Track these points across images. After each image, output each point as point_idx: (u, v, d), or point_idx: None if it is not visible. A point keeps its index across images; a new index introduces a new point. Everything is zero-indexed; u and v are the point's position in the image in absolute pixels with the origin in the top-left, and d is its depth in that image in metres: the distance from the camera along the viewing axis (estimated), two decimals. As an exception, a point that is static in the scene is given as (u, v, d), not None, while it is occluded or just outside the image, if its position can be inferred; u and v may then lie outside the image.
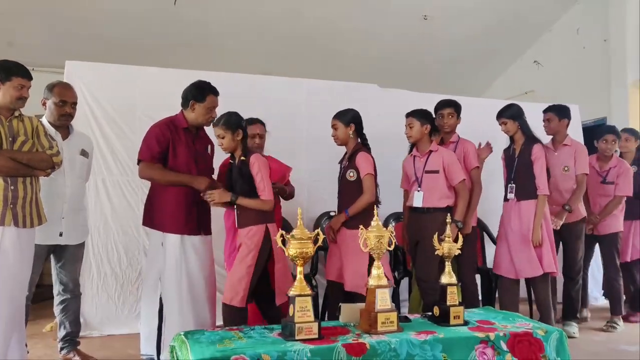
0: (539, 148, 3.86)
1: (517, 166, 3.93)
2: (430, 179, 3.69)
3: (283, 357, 2.08)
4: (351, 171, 3.45)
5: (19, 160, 2.63)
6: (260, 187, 3.05)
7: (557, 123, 4.24)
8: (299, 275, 2.36)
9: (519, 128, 3.92)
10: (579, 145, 4.31)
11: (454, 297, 2.63)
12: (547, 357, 2.45)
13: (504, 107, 4.01)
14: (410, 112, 3.77)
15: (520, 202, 3.88)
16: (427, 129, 3.71)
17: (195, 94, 3.19)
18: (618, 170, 4.55)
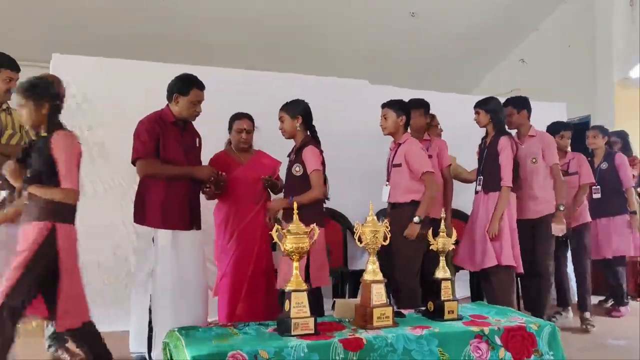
0: (506, 139, 3.78)
1: (485, 158, 3.88)
2: (395, 172, 3.60)
3: (280, 353, 2.07)
4: (297, 166, 3.31)
5: (6, 154, 2.58)
6: (61, 172, 2.49)
7: (517, 116, 4.08)
8: (295, 270, 2.35)
9: (491, 121, 3.85)
10: (545, 136, 4.16)
11: (447, 292, 2.64)
12: (540, 351, 2.47)
13: (483, 98, 3.96)
14: (386, 103, 3.66)
15: (488, 194, 3.79)
16: (403, 120, 3.60)
17: (180, 87, 3.17)
18: (577, 161, 4.59)
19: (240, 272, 3.51)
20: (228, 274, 3.57)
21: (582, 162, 4.61)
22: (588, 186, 4.59)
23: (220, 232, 3.69)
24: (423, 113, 3.97)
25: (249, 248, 3.54)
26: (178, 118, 3.18)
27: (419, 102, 3.96)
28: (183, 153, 3.18)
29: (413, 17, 7.03)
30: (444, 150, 3.97)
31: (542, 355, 2.46)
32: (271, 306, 3.57)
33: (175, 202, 3.09)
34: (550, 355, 2.48)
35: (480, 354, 2.36)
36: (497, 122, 3.85)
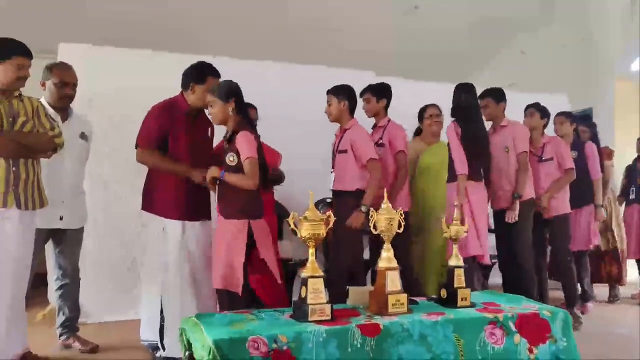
0: (451, 127, 3.74)
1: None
2: (340, 159, 3.51)
3: (299, 338, 2.08)
4: (231, 155, 2.91)
5: (20, 142, 2.57)
6: None
7: (496, 107, 4.04)
8: (310, 257, 2.35)
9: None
10: (517, 125, 4.09)
11: (460, 280, 2.65)
12: (554, 337, 2.49)
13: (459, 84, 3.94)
14: (329, 89, 3.61)
15: (448, 184, 3.80)
16: (345, 105, 3.53)
17: (196, 76, 3.13)
18: (553, 146, 4.33)
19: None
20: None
21: (559, 147, 4.33)
22: (572, 172, 4.29)
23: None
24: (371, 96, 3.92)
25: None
26: (192, 107, 3.16)
27: (365, 89, 3.96)
28: (192, 145, 3.12)
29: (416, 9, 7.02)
30: (397, 137, 3.82)
31: (556, 341, 2.47)
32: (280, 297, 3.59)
33: (184, 192, 3.07)
34: (564, 341, 2.49)
35: (495, 340, 2.37)
36: (454, 108, 3.86)
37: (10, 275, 2.55)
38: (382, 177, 3.71)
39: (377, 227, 2.51)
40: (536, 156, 4.30)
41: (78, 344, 3.15)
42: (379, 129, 3.90)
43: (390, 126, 3.88)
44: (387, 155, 3.81)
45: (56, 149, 2.72)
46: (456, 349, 2.28)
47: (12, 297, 2.58)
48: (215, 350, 1.96)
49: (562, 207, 4.29)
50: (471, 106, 3.86)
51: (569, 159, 4.32)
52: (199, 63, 3.22)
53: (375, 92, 3.93)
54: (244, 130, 2.95)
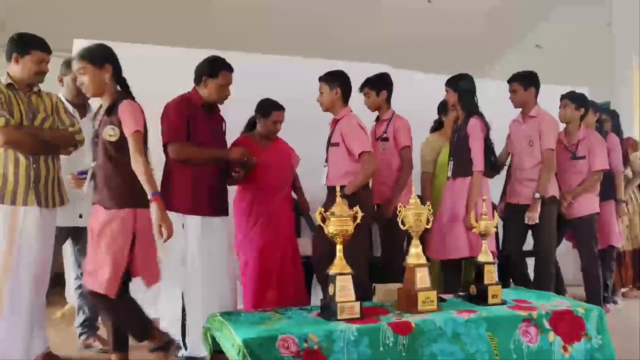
0: (475, 121, 3.49)
1: (456, 141, 3.61)
2: (333, 152, 3.31)
3: (330, 337, 2.03)
4: (111, 128, 2.43)
5: (41, 138, 2.52)
6: None
7: (523, 93, 3.75)
8: (338, 253, 2.30)
9: (459, 100, 3.60)
10: (546, 117, 3.76)
11: (491, 276, 2.58)
12: (589, 335, 2.42)
13: (454, 75, 3.71)
14: (320, 76, 3.41)
15: (456, 180, 3.55)
16: (338, 93, 3.31)
17: (209, 70, 3.10)
18: (588, 142, 4.04)
19: (268, 260, 3.45)
20: (254, 262, 3.52)
21: (593, 144, 4.04)
22: (600, 174, 4.03)
23: (242, 219, 3.62)
24: (369, 90, 3.73)
25: (275, 235, 3.49)
26: (206, 101, 3.12)
27: (364, 82, 3.75)
28: (212, 138, 3.13)
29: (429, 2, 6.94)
30: (402, 131, 3.65)
31: (590, 338, 2.41)
32: (300, 293, 3.53)
33: (204, 188, 3.03)
34: (599, 339, 2.42)
35: (530, 338, 2.30)
36: (466, 101, 3.58)
37: (32, 275, 2.52)
38: (386, 174, 3.60)
39: (405, 222, 2.45)
40: (569, 152, 4.03)
41: (99, 343, 3.11)
42: (383, 122, 3.74)
43: (395, 119, 3.70)
44: (391, 150, 3.67)
45: (77, 145, 2.68)
46: (490, 347, 2.22)
47: (34, 298, 2.54)
48: (245, 349, 1.91)
49: (588, 207, 4.04)
50: (476, 100, 3.67)
51: (600, 160, 4.02)
52: (212, 57, 3.20)
53: (374, 85, 3.72)
54: (127, 99, 2.52)
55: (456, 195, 3.51)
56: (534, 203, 3.65)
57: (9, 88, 2.53)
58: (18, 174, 2.48)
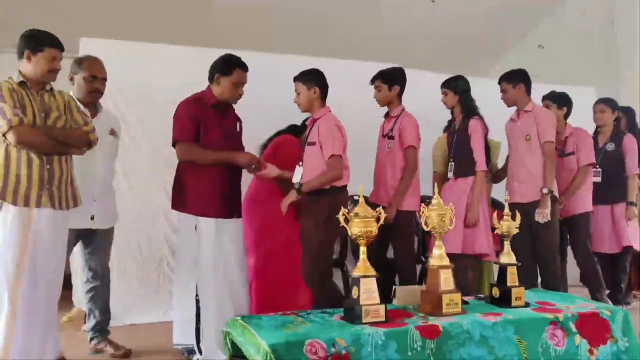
0: (475, 122, 3.53)
1: (456, 142, 3.63)
2: (309, 152, 3.19)
3: (358, 341, 1.98)
4: None
5: (54, 137, 2.46)
6: None
7: (513, 91, 3.72)
8: (362, 255, 2.24)
9: (459, 102, 3.62)
10: (542, 110, 3.74)
11: (514, 278, 2.53)
12: (615, 338, 2.37)
13: (451, 77, 3.71)
14: (295, 76, 3.30)
15: (457, 180, 3.58)
16: (316, 92, 3.20)
17: (222, 67, 3.05)
18: (575, 138, 4.01)
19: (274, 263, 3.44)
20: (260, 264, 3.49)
21: (582, 140, 4.00)
22: (588, 169, 3.99)
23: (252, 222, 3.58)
24: (381, 83, 3.59)
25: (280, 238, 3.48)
26: (219, 100, 3.07)
27: (375, 75, 3.64)
28: (223, 138, 3.07)
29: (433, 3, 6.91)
30: (407, 129, 3.49)
31: (617, 341, 2.36)
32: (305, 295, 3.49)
33: (217, 189, 2.98)
34: (625, 341, 2.38)
35: (557, 341, 2.26)
36: (465, 103, 3.60)
37: (45, 278, 2.45)
38: (390, 174, 3.50)
39: (428, 223, 2.40)
40: (557, 150, 3.93)
41: (110, 348, 3.04)
42: (391, 119, 3.60)
43: (403, 117, 3.55)
44: (395, 150, 3.53)
45: (91, 145, 2.62)
46: (519, 351, 2.17)
47: (47, 301, 2.48)
48: (272, 355, 1.85)
49: (582, 205, 3.99)
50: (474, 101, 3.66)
51: (587, 155, 3.97)
52: (226, 55, 3.16)
53: (387, 78, 3.58)
54: None
55: (457, 194, 3.49)
56: (543, 199, 3.58)
57: (21, 86, 2.47)
58: (31, 175, 2.41)
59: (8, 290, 2.35)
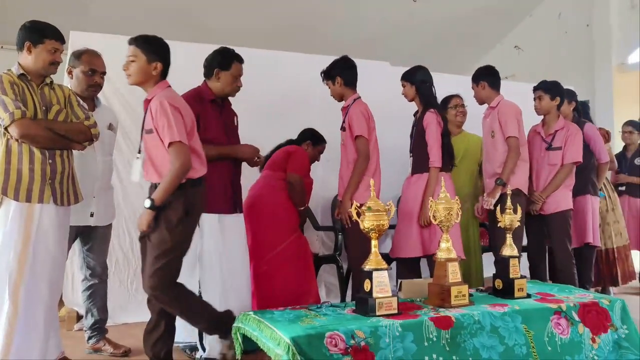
0: (431, 115, 3.40)
1: (414, 136, 3.51)
2: (148, 141, 2.66)
3: (376, 333, 2.00)
4: None
5: (57, 131, 2.40)
6: None
7: (477, 89, 3.71)
8: (373, 248, 2.27)
9: (417, 94, 3.50)
10: (503, 105, 3.63)
11: (516, 270, 2.60)
12: (615, 326, 2.46)
13: (410, 68, 3.59)
14: (131, 39, 2.67)
15: (414, 176, 3.46)
16: (157, 68, 2.56)
17: (220, 62, 3.03)
18: (566, 132, 3.82)
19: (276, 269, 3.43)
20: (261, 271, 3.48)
21: (573, 136, 3.82)
22: (572, 167, 3.81)
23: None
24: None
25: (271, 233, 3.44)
26: (217, 95, 3.04)
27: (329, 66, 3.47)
28: (224, 133, 3.05)
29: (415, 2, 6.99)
30: (354, 119, 3.30)
31: (617, 329, 2.45)
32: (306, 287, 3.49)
33: (219, 184, 2.96)
34: (624, 329, 2.47)
35: (562, 330, 2.33)
36: (424, 94, 3.49)
37: (48, 276, 2.39)
38: (343, 168, 3.37)
39: (435, 217, 2.44)
40: (545, 143, 3.85)
41: (109, 347, 2.98)
42: (343, 110, 3.45)
43: (352, 107, 3.35)
44: (347, 142, 3.36)
45: (92, 139, 2.56)
46: (527, 340, 2.24)
47: (50, 299, 2.41)
48: (295, 348, 1.85)
49: (561, 203, 3.78)
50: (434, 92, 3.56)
51: (574, 152, 3.79)
52: (222, 49, 3.14)
53: (328, 74, 3.44)
54: None
55: (414, 192, 3.41)
56: (494, 188, 3.53)
57: (21, 79, 2.40)
58: (33, 170, 2.35)
59: (10, 288, 2.28)
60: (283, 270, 3.37)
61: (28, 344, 2.32)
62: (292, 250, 3.43)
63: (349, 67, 3.44)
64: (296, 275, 3.37)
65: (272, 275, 3.35)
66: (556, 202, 3.77)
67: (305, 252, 3.52)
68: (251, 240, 3.33)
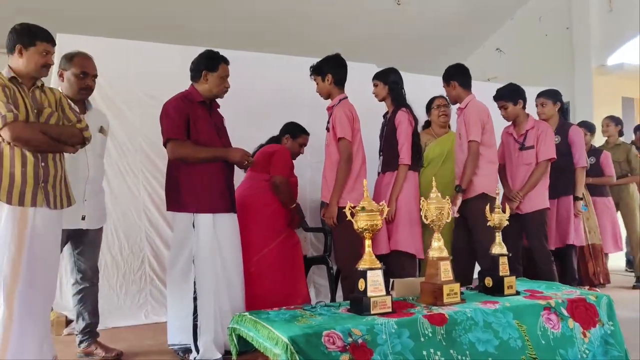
0: (403, 113, 3.43)
1: (385, 135, 3.53)
2: None
3: (372, 331, 2.02)
4: None
5: (49, 134, 2.38)
6: None
7: (449, 89, 3.70)
8: (367, 248, 2.29)
9: (389, 93, 3.55)
10: (469, 107, 3.59)
11: (505, 268, 2.64)
12: (602, 321, 2.52)
13: (382, 69, 3.63)
14: None
15: (385, 174, 3.48)
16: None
17: (207, 64, 3.06)
18: (536, 132, 3.84)
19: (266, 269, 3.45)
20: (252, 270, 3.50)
21: (544, 133, 3.82)
22: (547, 164, 3.81)
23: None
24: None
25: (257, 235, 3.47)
26: (206, 97, 3.06)
27: (316, 65, 3.46)
28: (215, 134, 3.07)
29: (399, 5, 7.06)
30: (337, 119, 3.27)
31: (604, 325, 2.51)
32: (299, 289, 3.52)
33: (214, 183, 2.98)
34: (610, 325, 2.53)
35: (553, 325, 2.38)
36: (396, 94, 3.53)
37: (41, 279, 2.37)
38: (328, 170, 3.35)
39: (427, 217, 2.48)
40: (518, 143, 3.89)
41: (100, 350, 2.96)
42: (329, 110, 3.43)
43: (337, 107, 3.31)
44: (330, 143, 3.34)
45: (84, 142, 2.55)
46: (521, 334, 2.28)
47: (44, 303, 2.40)
48: (293, 347, 1.87)
49: (538, 202, 3.79)
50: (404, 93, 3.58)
51: (546, 149, 3.79)
52: (207, 51, 3.16)
53: (317, 71, 3.40)
54: None
55: (384, 191, 3.44)
56: (454, 196, 3.46)
57: (12, 82, 2.38)
58: (26, 173, 2.33)
59: (4, 292, 2.26)
60: (271, 272, 3.40)
61: (23, 348, 2.30)
62: (280, 252, 3.47)
63: (341, 66, 3.43)
64: (284, 276, 3.40)
65: (260, 277, 3.37)
66: (533, 202, 3.80)
67: (294, 253, 3.54)
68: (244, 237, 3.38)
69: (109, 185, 3.78)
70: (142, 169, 3.85)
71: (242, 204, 3.42)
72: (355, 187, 3.27)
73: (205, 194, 2.91)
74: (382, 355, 1.97)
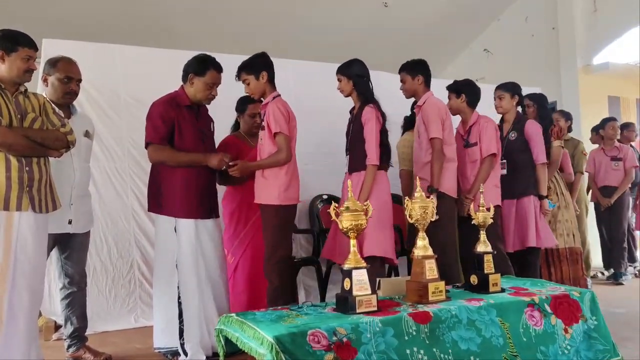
0: (370, 110, 3.22)
1: (352, 133, 3.34)
2: None
3: (357, 329, 2.05)
4: None
5: (33, 139, 2.39)
6: None
7: (411, 82, 3.52)
8: (352, 248, 2.31)
9: (354, 88, 3.30)
10: (427, 104, 3.46)
11: (490, 266, 2.67)
12: (585, 317, 2.55)
13: (345, 62, 3.37)
14: None
15: (352, 175, 3.27)
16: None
17: (195, 68, 3.04)
18: (478, 127, 3.68)
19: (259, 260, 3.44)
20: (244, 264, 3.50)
21: (484, 129, 3.66)
22: (490, 160, 3.64)
23: (232, 221, 3.59)
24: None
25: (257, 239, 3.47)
26: (193, 101, 3.06)
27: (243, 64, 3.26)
28: (199, 139, 3.07)
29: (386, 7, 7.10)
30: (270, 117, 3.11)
31: (587, 320, 2.54)
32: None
33: (195, 189, 2.98)
34: (594, 320, 2.56)
35: (535, 322, 2.41)
36: (361, 89, 3.29)
37: (28, 284, 2.37)
38: None
39: (411, 215, 2.50)
40: (463, 140, 3.75)
41: (89, 355, 2.96)
42: (262, 108, 3.24)
43: (271, 104, 3.13)
44: (265, 140, 3.15)
45: (69, 146, 2.56)
46: (503, 331, 2.31)
47: (31, 307, 2.40)
48: (278, 346, 1.89)
49: (486, 200, 3.43)
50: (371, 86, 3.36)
51: (486, 145, 3.63)
52: (200, 55, 3.15)
53: (245, 69, 3.21)
54: None
55: (351, 191, 3.26)
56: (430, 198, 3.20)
57: (-5, 88, 2.39)
58: (10, 178, 2.33)
59: (-10, 297, 2.26)
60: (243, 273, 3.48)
61: (10, 353, 2.30)
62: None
63: (271, 64, 3.23)
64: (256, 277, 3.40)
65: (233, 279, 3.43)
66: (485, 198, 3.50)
67: None
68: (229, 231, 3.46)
69: (97, 190, 3.78)
70: (130, 172, 3.85)
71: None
72: (291, 184, 3.14)
73: (185, 201, 2.92)
74: (366, 354, 1.99)
